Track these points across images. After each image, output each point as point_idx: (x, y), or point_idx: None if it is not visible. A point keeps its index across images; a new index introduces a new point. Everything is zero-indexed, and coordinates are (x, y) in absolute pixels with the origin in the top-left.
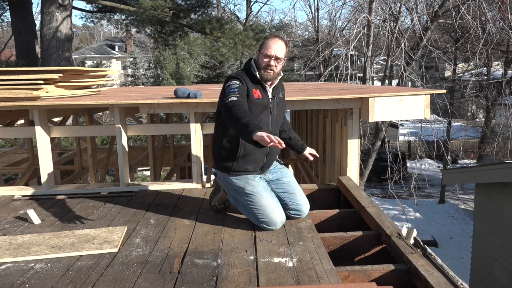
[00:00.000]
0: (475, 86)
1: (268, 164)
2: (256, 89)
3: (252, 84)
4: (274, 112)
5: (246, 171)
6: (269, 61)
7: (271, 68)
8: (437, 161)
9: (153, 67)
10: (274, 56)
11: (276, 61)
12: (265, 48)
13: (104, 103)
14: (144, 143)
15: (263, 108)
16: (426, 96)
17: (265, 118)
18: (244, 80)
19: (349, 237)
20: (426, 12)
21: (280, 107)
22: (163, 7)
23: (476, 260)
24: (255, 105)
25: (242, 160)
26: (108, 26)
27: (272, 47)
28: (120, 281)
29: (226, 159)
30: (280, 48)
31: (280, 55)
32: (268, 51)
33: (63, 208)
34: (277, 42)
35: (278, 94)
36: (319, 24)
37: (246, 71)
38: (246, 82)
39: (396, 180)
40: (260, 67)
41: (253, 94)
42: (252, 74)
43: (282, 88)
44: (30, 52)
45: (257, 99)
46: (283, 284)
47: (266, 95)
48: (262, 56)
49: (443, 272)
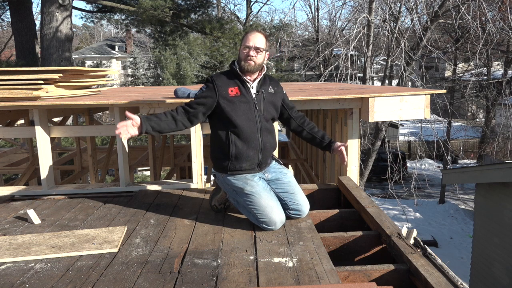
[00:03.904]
0: (475, 86)
1: (265, 160)
2: (234, 87)
3: (229, 82)
4: (261, 107)
5: (242, 169)
6: (249, 51)
7: (251, 58)
8: (437, 161)
9: (153, 67)
10: (253, 46)
11: (255, 51)
12: (244, 41)
13: (104, 103)
14: (144, 143)
15: (243, 104)
16: (426, 96)
17: (249, 114)
18: (217, 82)
19: (349, 237)
20: (426, 12)
21: (270, 102)
22: (163, 7)
23: (476, 260)
24: (232, 102)
25: (235, 159)
26: (108, 26)
27: (250, 38)
28: (120, 281)
29: (221, 159)
30: (259, 39)
31: (259, 45)
32: (247, 42)
33: (63, 208)
34: (256, 34)
35: (266, 89)
36: (319, 24)
37: (228, 71)
38: (219, 84)
39: (396, 180)
40: (241, 59)
41: (229, 92)
42: (233, 72)
43: (275, 84)
44: (30, 52)
45: (234, 96)
46: (283, 284)
47: (247, 91)
48: (242, 48)
49: (443, 272)
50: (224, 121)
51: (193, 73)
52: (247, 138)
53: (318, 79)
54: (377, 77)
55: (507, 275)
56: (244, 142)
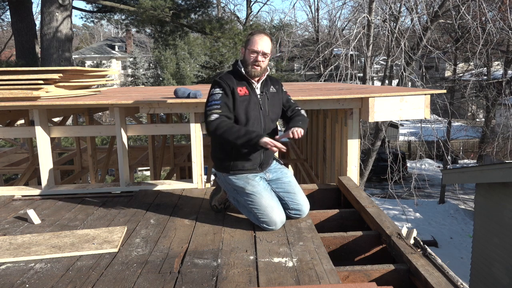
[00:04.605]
0: (475, 86)
1: (267, 161)
2: (242, 87)
3: (237, 82)
4: (266, 108)
5: (244, 169)
6: (257, 56)
7: (259, 63)
8: (437, 161)
9: (153, 67)
10: (261, 51)
11: (263, 56)
12: (251, 44)
13: (104, 103)
14: (144, 143)
15: (251, 104)
16: (426, 96)
17: (255, 114)
18: (228, 82)
19: (349, 237)
20: (426, 12)
21: (273, 102)
22: (163, 7)
23: (476, 260)
24: (241, 102)
25: (238, 159)
26: (108, 26)
27: (258, 42)
28: (120, 281)
29: (223, 159)
30: (267, 43)
31: (267, 51)
32: (255, 46)
33: (63, 208)
34: (263, 38)
35: (268, 90)
36: (319, 24)
37: (233, 71)
38: (230, 83)
39: (396, 180)
40: (248, 63)
41: (238, 92)
42: (239, 73)
43: (276, 83)
44: (30, 52)
45: (243, 96)
46: (283, 284)
47: (253, 91)
48: (248, 52)
49: (443, 272)
50: None
51: (193, 73)
52: None
53: (318, 79)
54: (377, 77)
55: (507, 275)
56: None
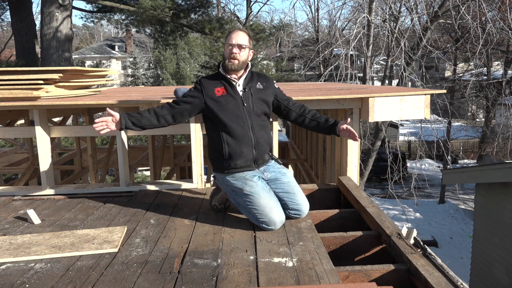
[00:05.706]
0: (475, 86)
1: (260, 156)
2: (220, 87)
3: (216, 82)
4: (249, 104)
5: (237, 167)
6: (232, 49)
7: (235, 56)
8: (437, 161)
9: (153, 67)
10: (236, 44)
11: (238, 48)
12: (227, 40)
13: (104, 103)
14: (144, 143)
15: (230, 103)
16: (426, 96)
17: (238, 112)
18: (204, 83)
19: (349, 237)
20: (426, 12)
21: (259, 97)
22: (163, 7)
23: (476, 260)
24: (219, 102)
25: (230, 157)
26: (108, 26)
27: (233, 37)
28: (120, 281)
29: (217, 159)
30: (241, 37)
31: (241, 42)
32: (230, 40)
33: (63, 208)
34: (238, 32)
35: (253, 86)
36: (319, 24)
37: (214, 74)
38: (206, 85)
39: (396, 180)
40: (225, 58)
41: (216, 93)
42: (219, 74)
43: (265, 80)
44: (30, 52)
45: (221, 96)
46: (283, 284)
47: (233, 89)
48: (225, 47)
49: (443, 272)
50: (214, 122)
51: (193, 73)
52: (238, 135)
53: (318, 79)
54: (377, 77)
55: (507, 275)
56: (236, 140)
